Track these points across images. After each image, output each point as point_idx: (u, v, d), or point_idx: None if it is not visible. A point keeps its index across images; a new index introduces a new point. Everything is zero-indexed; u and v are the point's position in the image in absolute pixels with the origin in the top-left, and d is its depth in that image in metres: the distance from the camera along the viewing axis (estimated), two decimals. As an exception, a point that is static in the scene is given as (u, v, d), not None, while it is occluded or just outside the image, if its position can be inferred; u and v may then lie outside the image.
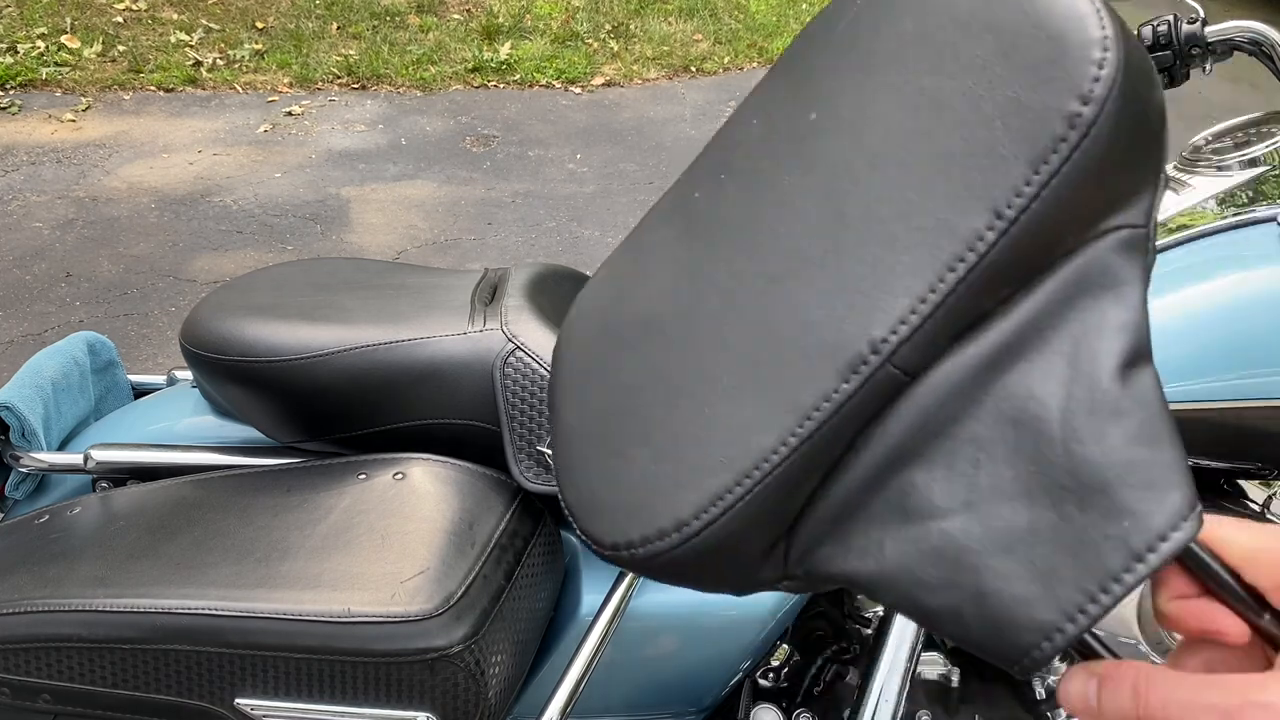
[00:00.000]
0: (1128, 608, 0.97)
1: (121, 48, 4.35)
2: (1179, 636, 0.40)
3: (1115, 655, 0.41)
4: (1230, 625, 0.39)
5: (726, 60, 4.64)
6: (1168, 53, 1.14)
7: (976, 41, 0.40)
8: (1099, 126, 0.37)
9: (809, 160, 0.45)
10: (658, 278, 0.50)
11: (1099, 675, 0.39)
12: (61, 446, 1.02)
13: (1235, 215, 0.99)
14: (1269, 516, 1.03)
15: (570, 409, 0.49)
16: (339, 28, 4.72)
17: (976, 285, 0.38)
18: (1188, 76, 1.17)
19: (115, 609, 0.80)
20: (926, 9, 0.43)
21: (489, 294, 1.02)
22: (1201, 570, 0.38)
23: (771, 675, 1.16)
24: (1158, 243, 1.00)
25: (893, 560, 0.40)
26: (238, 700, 0.81)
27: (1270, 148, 1.03)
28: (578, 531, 0.45)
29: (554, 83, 4.38)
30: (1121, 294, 0.39)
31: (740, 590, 0.44)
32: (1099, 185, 0.38)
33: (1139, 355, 0.39)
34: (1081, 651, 1.13)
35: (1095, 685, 0.39)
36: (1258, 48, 1.11)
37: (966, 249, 0.38)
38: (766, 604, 1.03)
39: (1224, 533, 0.39)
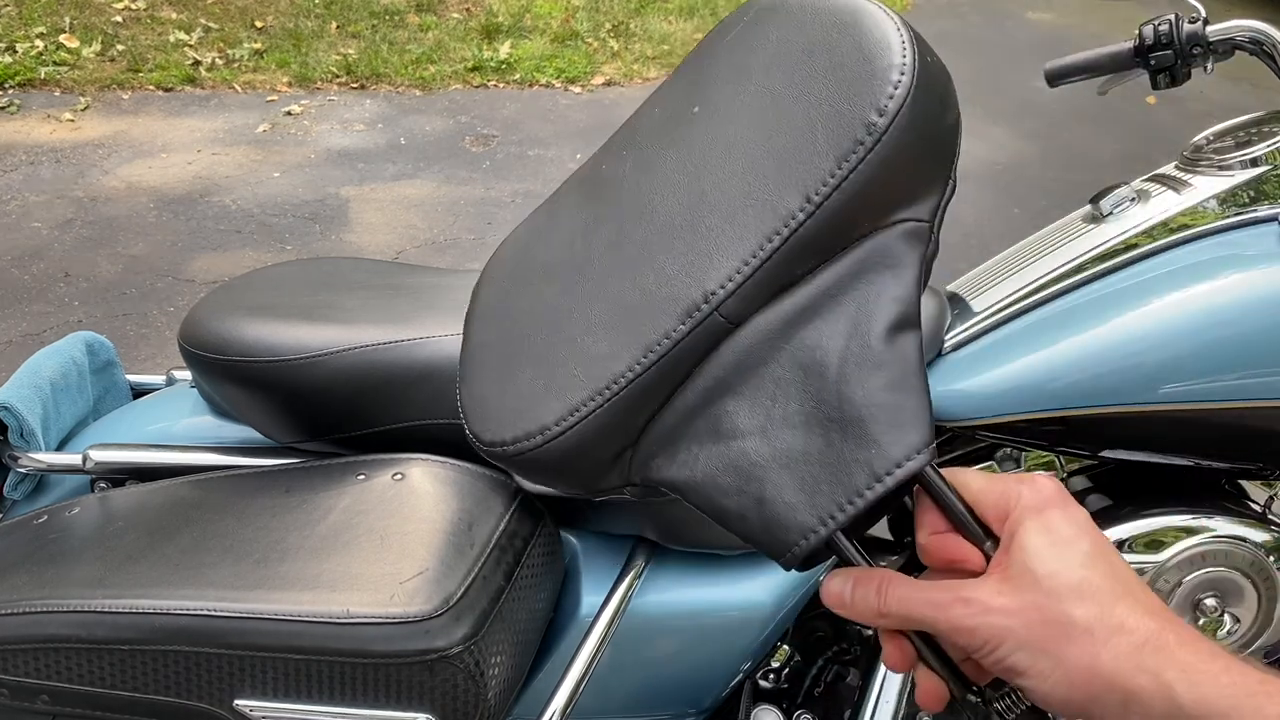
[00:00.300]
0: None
1: (120, 47, 4.35)
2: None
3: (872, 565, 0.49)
4: (970, 554, 0.47)
5: (726, 60, 4.64)
6: (1169, 52, 1.14)
7: (815, 59, 0.50)
8: (890, 134, 0.46)
9: (686, 145, 0.54)
10: (561, 232, 0.59)
11: (854, 578, 0.47)
12: (60, 447, 1.02)
13: (1236, 215, 0.99)
14: (1271, 517, 1.03)
15: (479, 332, 0.59)
16: (338, 27, 4.71)
17: (790, 254, 0.47)
18: (1189, 76, 1.17)
19: (114, 609, 0.80)
20: (787, 30, 0.52)
21: (488, 294, 1.02)
22: (945, 503, 0.47)
23: (772, 676, 1.16)
24: (1160, 242, 1.00)
25: (702, 470, 0.49)
26: (237, 701, 0.80)
27: (1271, 147, 1.02)
28: (467, 431, 0.54)
29: (554, 82, 4.38)
30: (900, 274, 0.48)
31: (591, 492, 0.53)
32: (890, 182, 0.47)
33: (906, 323, 0.48)
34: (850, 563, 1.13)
35: (850, 585, 0.47)
36: (1259, 47, 1.10)
37: (783, 224, 0.47)
38: (767, 605, 1.02)
39: (963, 479, 0.48)
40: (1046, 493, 0.45)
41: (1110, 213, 1.06)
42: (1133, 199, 1.07)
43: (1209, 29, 1.13)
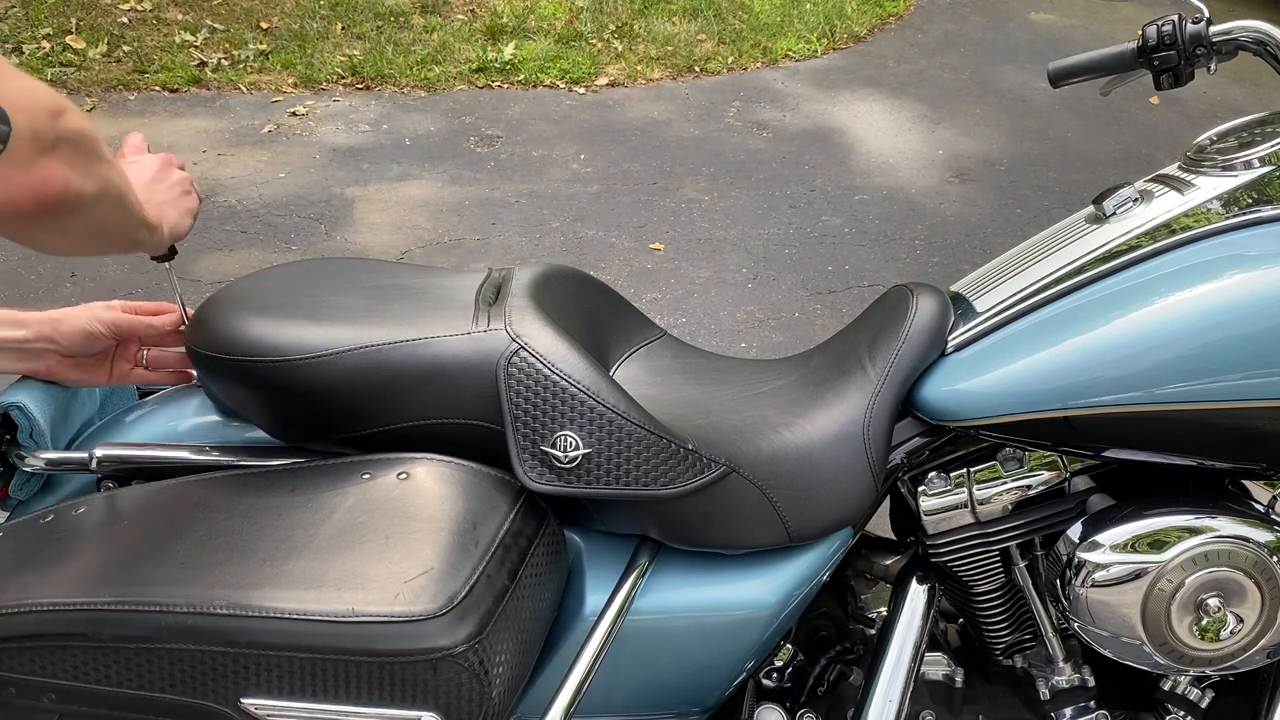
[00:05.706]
0: (1132, 609, 0.97)
1: (126, 48, 4.36)
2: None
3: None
4: None
5: (730, 60, 4.64)
6: (1172, 52, 1.14)
7: None
8: None
9: None
10: None
11: None
12: (67, 446, 1.03)
13: (1239, 216, 0.99)
14: (1274, 517, 1.03)
15: None
16: (343, 28, 4.72)
17: None
18: (1192, 76, 1.17)
19: (120, 608, 0.80)
20: None
21: (493, 294, 1.02)
22: None
23: (775, 675, 1.16)
24: (1163, 243, 1.00)
25: None
26: (243, 700, 0.81)
27: (1275, 148, 1.03)
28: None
29: (558, 83, 4.38)
30: None
31: None
32: None
33: None
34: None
35: None
36: (1262, 47, 1.10)
37: None
38: (770, 604, 1.03)
39: None
40: None
41: (1113, 213, 1.06)
42: (1135, 199, 1.07)
43: (1212, 29, 1.13)
